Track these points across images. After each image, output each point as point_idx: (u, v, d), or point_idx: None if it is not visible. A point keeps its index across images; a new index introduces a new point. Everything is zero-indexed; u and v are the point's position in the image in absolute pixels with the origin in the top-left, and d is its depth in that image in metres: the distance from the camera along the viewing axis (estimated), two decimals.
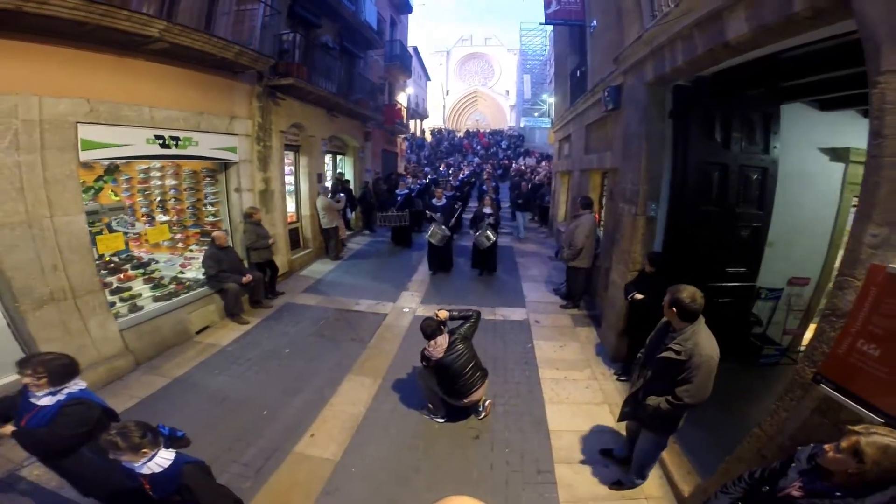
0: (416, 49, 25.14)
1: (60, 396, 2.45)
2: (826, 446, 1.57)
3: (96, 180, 5.03)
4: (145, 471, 2.08)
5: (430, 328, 3.85)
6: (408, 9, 18.60)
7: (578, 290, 6.53)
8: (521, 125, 38.37)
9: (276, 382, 4.70)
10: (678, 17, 3.13)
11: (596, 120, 6.51)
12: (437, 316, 3.94)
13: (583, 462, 3.62)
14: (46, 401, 2.42)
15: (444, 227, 8.13)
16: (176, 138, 5.15)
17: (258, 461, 3.57)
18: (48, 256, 3.99)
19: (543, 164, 21.41)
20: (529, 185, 14.32)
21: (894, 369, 1.57)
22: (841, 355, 1.74)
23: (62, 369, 2.47)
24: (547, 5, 7.57)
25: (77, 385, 2.55)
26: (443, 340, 3.84)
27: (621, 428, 3.74)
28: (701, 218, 4.00)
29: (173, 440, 2.35)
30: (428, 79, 35.32)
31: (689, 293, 2.42)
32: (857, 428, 1.45)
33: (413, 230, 10.95)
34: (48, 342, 4.03)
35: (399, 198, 10.45)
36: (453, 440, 3.87)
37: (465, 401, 3.89)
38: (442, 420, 4.09)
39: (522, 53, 40.12)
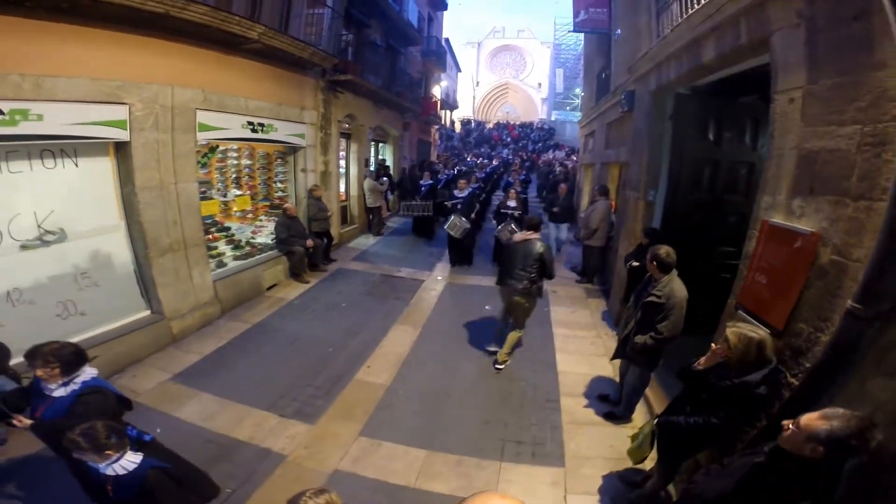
0: (447, 40, 25.59)
1: (75, 386, 2.40)
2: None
3: (203, 156, 6.20)
4: (109, 472, 2.03)
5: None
6: (443, 6, 19.47)
7: (592, 267, 7.42)
8: (553, 118, 38.63)
9: (337, 328, 5.78)
10: (672, 41, 3.99)
11: (615, 119, 7.35)
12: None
13: (583, 395, 4.54)
14: (61, 391, 2.38)
15: (464, 218, 7.91)
16: (262, 125, 6.31)
17: (327, 385, 4.58)
18: (171, 214, 5.13)
19: (573, 156, 21.83)
20: (568, 186, 11.41)
21: (774, 292, 2.44)
22: (747, 287, 2.62)
23: (72, 357, 2.40)
24: (576, 14, 8.37)
25: (89, 373, 2.50)
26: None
27: (616, 376, 4.60)
28: (693, 204, 4.80)
29: (141, 444, 2.22)
30: (458, 70, 35.71)
31: (665, 251, 3.31)
32: (729, 323, 2.33)
33: (436, 221, 10.51)
34: (164, 286, 5.16)
35: (423, 188, 10.35)
36: (480, 373, 4.86)
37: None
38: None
39: (556, 47, 40.23)
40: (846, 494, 1.63)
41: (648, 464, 3.16)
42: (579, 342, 5.59)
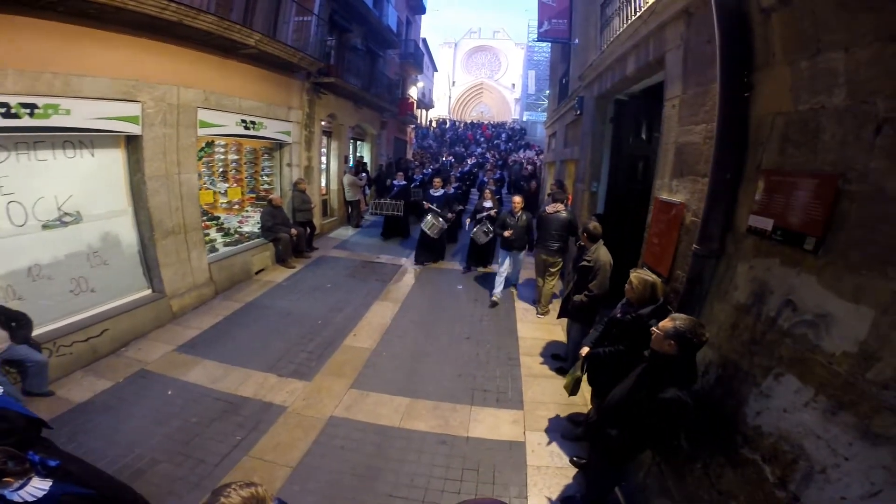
0: (424, 41, 25.91)
1: None
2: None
3: (200, 150, 6.76)
4: (17, 499, 1.90)
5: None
6: (422, 10, 20.22)
7: None
8: (524, 119, 39.79)
9: (324, 304, 6.46)
10: (608, 54, 4.89)
11: (571, 121, 8.27)
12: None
13: (539, 355, 5.36)
14: None
15: (441, 219, 8.01)
16: (254, 122, 6.93)
17: (319, 350, 5.24)
18: (174, 201, 5.70)
19: (541, 156, 22.86)
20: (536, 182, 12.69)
21: (662, 249, 3.30)
22: (647, 248, 3.49)
23: None
24: (540, 24, 9.27)
25: None
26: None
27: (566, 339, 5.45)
28: (629, 192, 5.72)
29: (47, 469, 2.07)
30: (435, 69, 36.21)
31: (593, 225, 4.17)
32: (632, 270, 3.17)
33: (407, 221, 10.47)
34: (166, 265, 5.72)
35: (395, 187, 10.15)
36: (451, 339, 5.63)
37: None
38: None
39: (529, 49, 41.38)
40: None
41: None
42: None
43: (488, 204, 7.92)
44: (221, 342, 5.30)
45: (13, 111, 3.92)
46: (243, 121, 6.73)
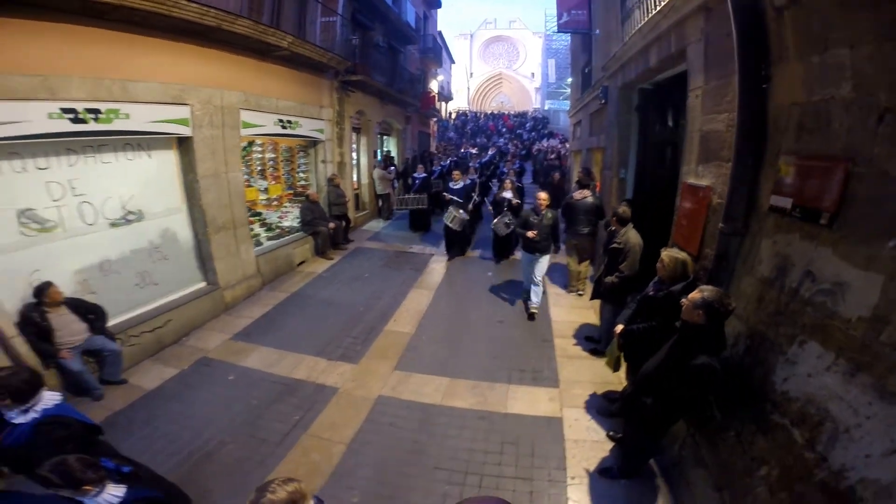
0: (440, 34, 25.85)
1: (35, 413, 2.30)
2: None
3: (242, 150, 7.19)
4: None
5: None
6: (438, 3, 20.39)
7: None
8: (546, 107, 39.44)
9: (364, 293, 6.81)
10: (631, 46, 5.03)
11: (596, 110, 8.37)
12: None
13: (573, 337, 5.55)
14: (21, 418, 2.28)
15: (461, 210, 7.98)
16: (290, 122, 7.31)
17: (363, 335, 5.58)
18: (224, 198, 6.11)
19: (566, 144, 22.65)
20: (560, 173, 12.60)
21: (690, 230, 3.47)
22: (676, 229, 3.68)
23: (23, 385, 2.30)
24: (559, 16, 9.33)
25: (49, 399, 2.39)
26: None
27: (596, 321, 5.65)
28: (657, 178, 5.83)
29: (121, 476, 2.12)
30: (452, 62, 35.93)
31: (623, 209, 4.36)
32: (663, 249, 3.36)
33: (432, 214, 10.58)
34: (219, 259, 6.14)
35: (416, 181, 10.22)
36: (485, 323, 5.90)
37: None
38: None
39: (547, 38, 40.88)
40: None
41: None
42: (569, 298, 6.65)
43: (508, 194, 7.88)
44: (273, 330, 5.69)
45: (80, 116, 4.29)
46: (280, 120, 7.12)
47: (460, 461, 3.53)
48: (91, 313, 4.28)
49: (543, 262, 5.88)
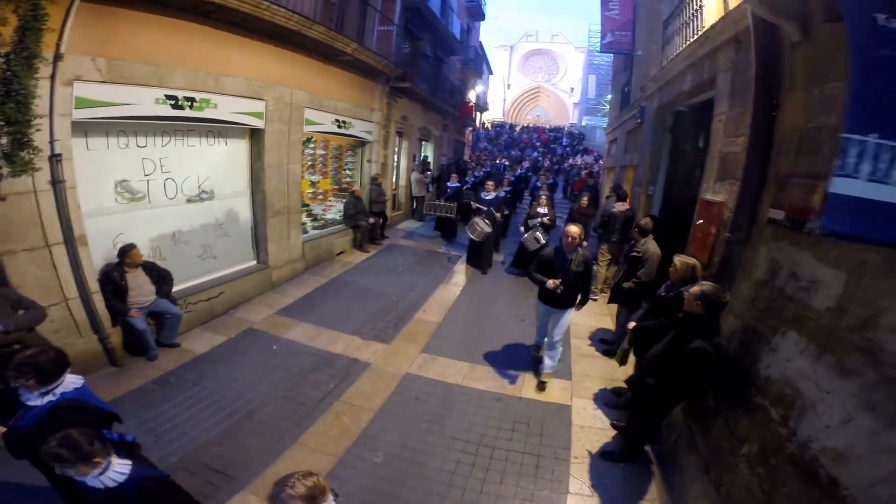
0: (480, 44, 25.80)
1: (52, 396, 2.20)
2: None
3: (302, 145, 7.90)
4: (98, 485, 1.83)
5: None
6: (481, 16, 21.00)
7: None
8: (583, 123, 39.42)
9: (397, 284, 7.36)
10: (668, 70, 5.43)
11: (632, 128, 8.74)
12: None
13: (588, 338, 5.93)
14: (37, 401, 2.17)
15: (487, 221, 7.79)
16: (345, 122, 7.99)
17: (395, 320, 6.09)
18: (283, 186, 6.78)
19: (600, 161, 22.72)
20: (591, 194, 9.12)
21: (704, 241, 3.84)
22: (692, 240, 4.05)
23: (49, 364, 2.20)
24: (603, 36, 9.72)
25: (71, 382, 2.30)
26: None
27: (611, 326, 6.00)
28: (684, 198, 6.17)
29: (124, 445, 2.07)
30: (490, 72, 36.14)
31: (644, 221, 4.75)
32: (676, 255, 3.74)
33: (456, 223, 10.31)
34: (272, 241, 6.75)
35: (449, 189, 10.54)
36: (509, 319, 6.33)
37: None
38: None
39: (590, 53, 40.86)
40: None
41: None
42: (587, 303, 6.99)
43: (543, 210, 7.71)
44: (313, 309, 6.24)
45: (179, 103, 4.93)
46: (337, 120, 7.81)
47: (475, 434, 3.91)
48: (161, 277, 4.70)
49: (566, 319, 4.51)
